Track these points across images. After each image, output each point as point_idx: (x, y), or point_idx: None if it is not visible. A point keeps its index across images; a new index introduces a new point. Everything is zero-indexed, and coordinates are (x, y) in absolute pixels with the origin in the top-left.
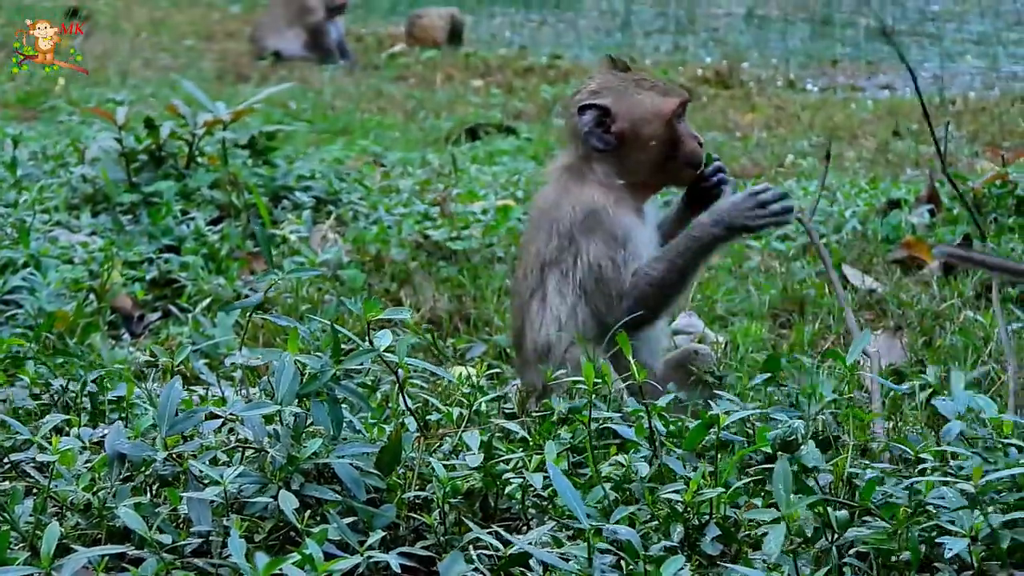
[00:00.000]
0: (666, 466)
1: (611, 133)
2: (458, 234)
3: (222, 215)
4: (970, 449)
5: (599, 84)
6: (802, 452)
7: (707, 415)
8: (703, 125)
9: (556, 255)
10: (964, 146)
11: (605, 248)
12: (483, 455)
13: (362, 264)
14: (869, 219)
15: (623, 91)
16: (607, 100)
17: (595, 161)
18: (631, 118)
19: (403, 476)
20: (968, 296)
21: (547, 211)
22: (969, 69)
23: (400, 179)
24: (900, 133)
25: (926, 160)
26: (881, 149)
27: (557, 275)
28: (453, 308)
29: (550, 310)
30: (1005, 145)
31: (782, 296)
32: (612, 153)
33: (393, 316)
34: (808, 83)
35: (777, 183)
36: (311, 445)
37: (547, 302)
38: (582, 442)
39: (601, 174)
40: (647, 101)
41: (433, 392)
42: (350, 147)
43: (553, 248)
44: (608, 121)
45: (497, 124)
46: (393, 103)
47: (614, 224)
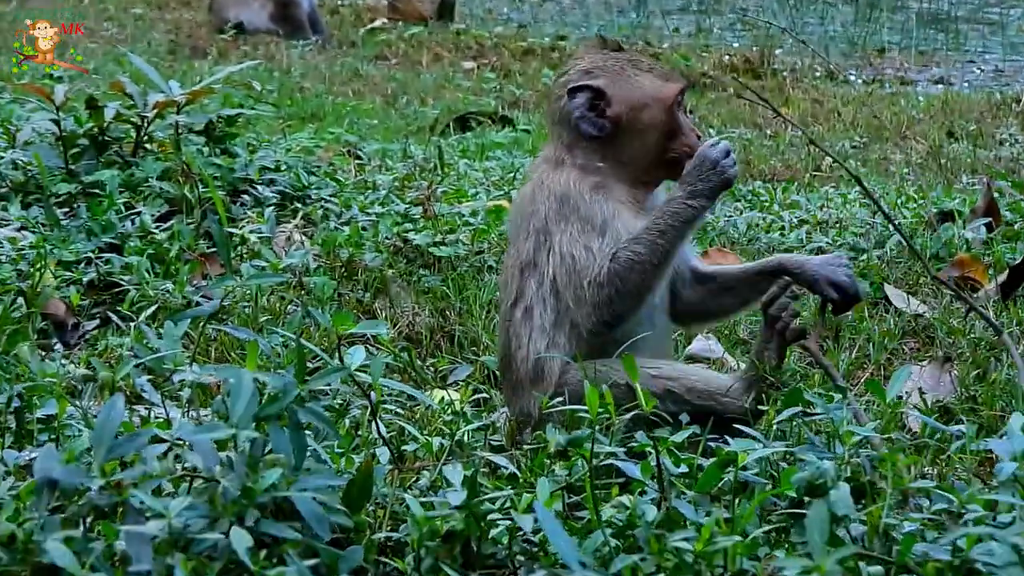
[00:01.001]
0: (675, 510)
1: (605, 118)
2: (443, 239)
3: (172, 210)
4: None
5: (590, 64)
6: (832, 498)
7: (724, 452)
8: (728, 120)
9: (533, 255)
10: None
11: (579, 235)
12: (466, 492)
13: (332, 270)
14: (917, 233)
15: (619, 72)
16: (601, 81)
17: (579, 149)
18: (629, 102)
19: (373, 514)
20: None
21: (523, 208)
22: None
23: (378, 173)
24: (955, 134)
25: (985, 165)
26: (933, 152)
27: (537, 278)
28: (435, 323)
29: (535, 320)
30: None
31: (814, 319)
32: (603, 141)
33: (366, 331)
34: (851, 74)
35: (812, 190)
36: (269, 476)
37: (530, 312)
38: (580, 480)
39: (581, 158)
40: (646, 84)
41: (410, 419)
42: (321, 135)
43: (530, 248)
44: (602, 104)
45: (491, 113)
46: (372, 86)
47: (591, 209)
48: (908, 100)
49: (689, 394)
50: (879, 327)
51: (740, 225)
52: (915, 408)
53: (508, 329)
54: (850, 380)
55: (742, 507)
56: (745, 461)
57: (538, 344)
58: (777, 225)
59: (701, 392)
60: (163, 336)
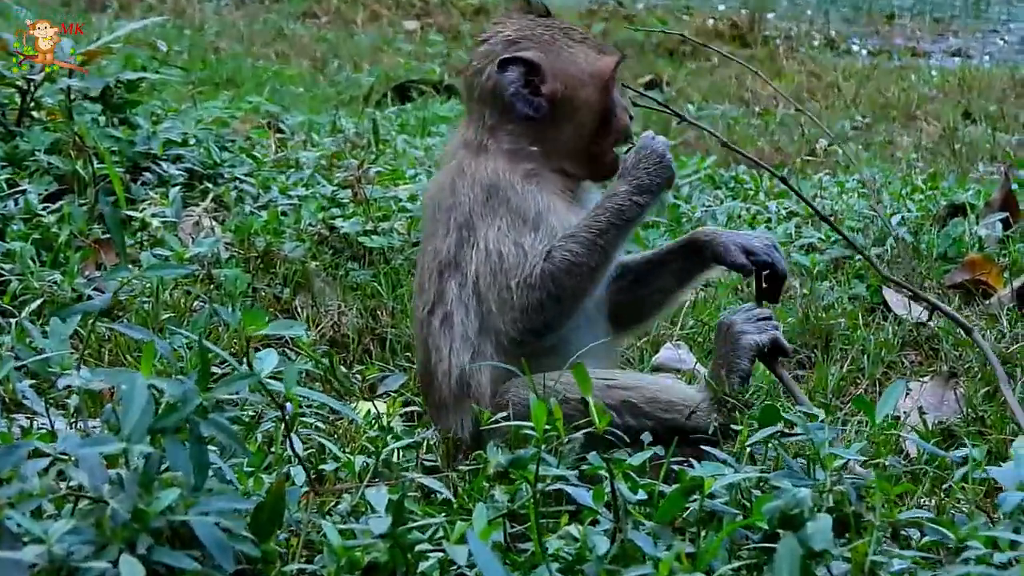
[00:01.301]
0: (631, 543)
1: (540, 95)
2: (375, 227)
3: (63, 189)
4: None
5: (517, 32)
6: (808, 531)
7: (688, 478)
8: (710, 94)
9: (455, 253)
10: None
11: (509, 230)
12: (391, 519)
13: (246, 261)
14: (923, 228)
15: (551, 43)
16: (533, 54)
17: (504, 131)
18: (564, 78)
19: (285, 543)
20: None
21: (441, 200)
22: None
23: (302, 150)
24: (973, 115)
25: (1005, 152)
26: (946, 135)
27: (458, 279)
28: (364, 325)
29: (456, 328)
30: None
31: (802, 326)
32: (534, 122)
33: (281, 332)
34: (854, 43)
35: (806, 176)
36: (165, 497)
37: (450, 319)
38: (524, 507)
39: (509, 142)
40: (581, 57)
41: (331, 434)
42: (237, 105)
43: (451, 245)
44: (536, 80)
45: (435, 82)
46: (298, 48)
47: (524, 200)
48: (919, 75)
49: (651, 406)
50: (875, 337)
51: (720, 216)
52: (912, 430)
53: (427, 340)
54: (841, 397)
55: (708, 540)
56: (713, 488)
57: (461, 356)
58: (763, 217)
59: (664, 404)
60: (49, 335)
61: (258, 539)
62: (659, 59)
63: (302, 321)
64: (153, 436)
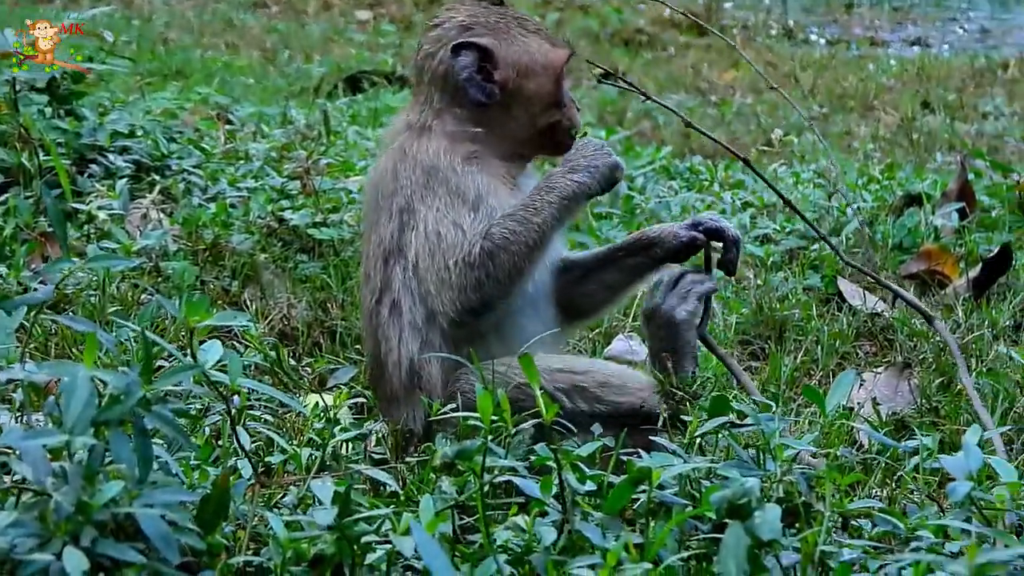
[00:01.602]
0: (579, 533)
1: (493, 82)
2: (324, 219)
3: (8, 182)
4: (981, 524)
5: (470, 18)
6: (756, 520)
7: (637, 468)
8: (667, 84)
9: (398, 239)
10: (1015, 126)
11: (448, 210)
12: (338, 511)
13: (194, 254)
14: (879, 219)
15: (505, 31)
16: (487, 40)
17: (450, 114)
18: (517, 66)
19: (232, 535)
20: (1004, 326)
21: (383, 185)
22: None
23: (251, 141)
24: (931, 105)
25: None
26: (904, 125)
27: (403, 265)
28: (313, 317)
29: (405, 316)
30: None
31: (755, 317)
32: (482, 108)
33: (225, 323)
34: (812, 32)
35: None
36: (108, 489)
37: (399, 307)
38: (472, 498)
39: (452, 124)
40: (534, 47)
41: (279, 427)
42: (186, 96)
43: (394, 230)
44: (488, 67)
45: (387, 72)
46: (248, 38)
47: (463, 181)
48: (878, 64)
49: (602, 390)
50: (829, 327)
51: (674, 207)
52: (866, 420)
53: (376, 330)
54: (794, 388)
55: (656, 530)
56: (661, 478)
57: (411, 345)
58: (717, 208)
59: (616, 388)
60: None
61: (204, 532)
62: (615, 48)
63: (251, 314)
64: (97, 428)
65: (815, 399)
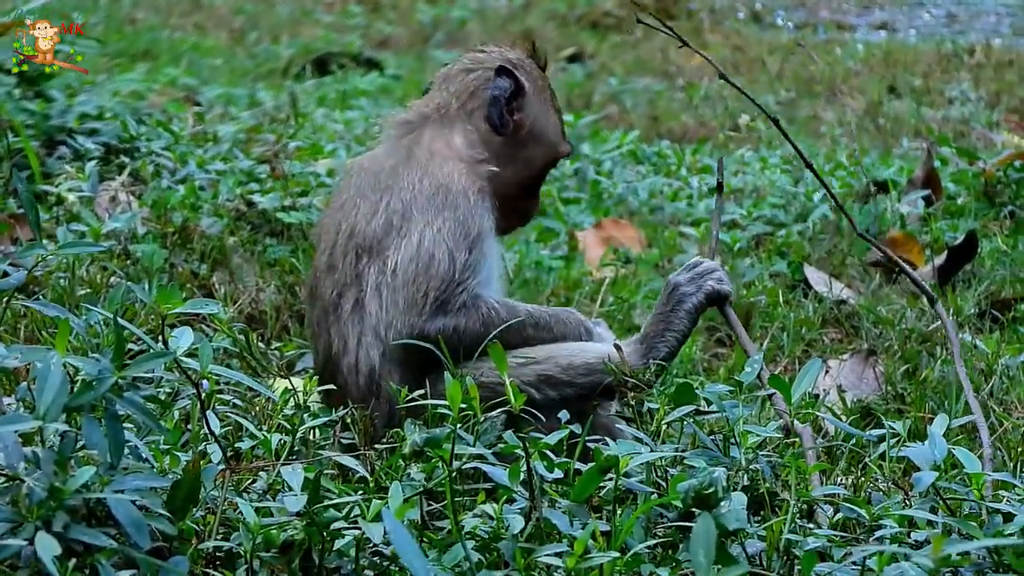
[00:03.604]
0: (547, 521)
1: (512, 118)
2: (293, 202)
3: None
4: (945, 514)
5: (518, 60)
6: (722, 510)
7: (603, 456)
8: (633, 68)
9: (381, 238)
10: (981, 112)
11: (447, 236)
12: (307, 497)
13: (163, 237)
14: (845, 205)
15: (541, 89)
16: (527, 83)
17: (458, 128)
18: (535, 123)
19: (202, 520)
20: (968, 314)
21: (377, 177)
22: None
23: (220, 124)
24: (898, 90)
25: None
26: (871, 111)
27: (378, 266)
28: (282, 301)
29: (369, 319)
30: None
31: None
32: (495, 142)
33: (197, 310)
34: (779, 17)
35: (727, 151)
36: (81, 475)
37: (363, 306)
38: (440, 485)
39: (471, 150)
40: (553, 121)
41: (249, 412)
42: (154, 77)
43: (377, 227)
44: (515, 105)
45: (355, 54)
46: (216, 19)
47: (471, 214)
48: (845, 49)
49: (568, 373)
50: (795, 314)
51: (641, 192)
52: (830, 409)
53: (331, 325)
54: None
55: (623, 518)
56: (628, 466)
57: (371, 352)
58: (684, 193)
59: (581, 368)
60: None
61: (174, 517)
62: (582, 32)
63: (219, 298)
64: (69, 414)
65: (781, 388)
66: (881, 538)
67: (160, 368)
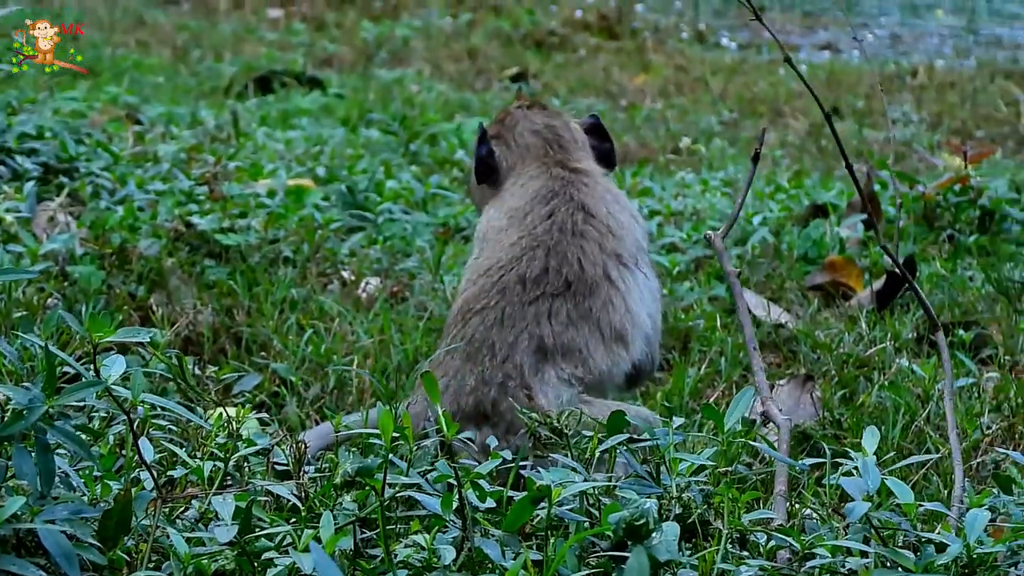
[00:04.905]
0: (479, 550)
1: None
2: (232, 224)
3: None
4: (877, 544)
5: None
6: (653, 541)
7: (536, 485)
8: (577, 87)
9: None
10: (923, 133)
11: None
12: (238, 526)
13: (101, 258)
14: (784, 229)
15: None
16: None
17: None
18: None
19: (133, 549)
20: (906, 339)
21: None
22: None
23: (160, 143)
24: (841, 111)
25: (869, 150)
26: (814, 132)
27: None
28: (219, 323)
29: None
30: (978, 135)
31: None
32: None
33: (129, 339)
34: (723, 37)
35: (668, 174)
36: (10, 504)
37: None
38: (374, 514)
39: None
40: None
41: (183, 438)
42: (94, 96)
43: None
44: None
45: (298, 73)
46: (158, 36)
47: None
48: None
49: None
50: (733, 338)
51: None
52: (762, 438)
53: None
54: (698, 400)
55: (556, 548)
56: (561, 495)
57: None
58: None
59: None
60: None
61: (105, 546)
62: (527, 51)
63: (157, 319)
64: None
65: (713, 417)
66: (813, 568)
67: (92, 397)
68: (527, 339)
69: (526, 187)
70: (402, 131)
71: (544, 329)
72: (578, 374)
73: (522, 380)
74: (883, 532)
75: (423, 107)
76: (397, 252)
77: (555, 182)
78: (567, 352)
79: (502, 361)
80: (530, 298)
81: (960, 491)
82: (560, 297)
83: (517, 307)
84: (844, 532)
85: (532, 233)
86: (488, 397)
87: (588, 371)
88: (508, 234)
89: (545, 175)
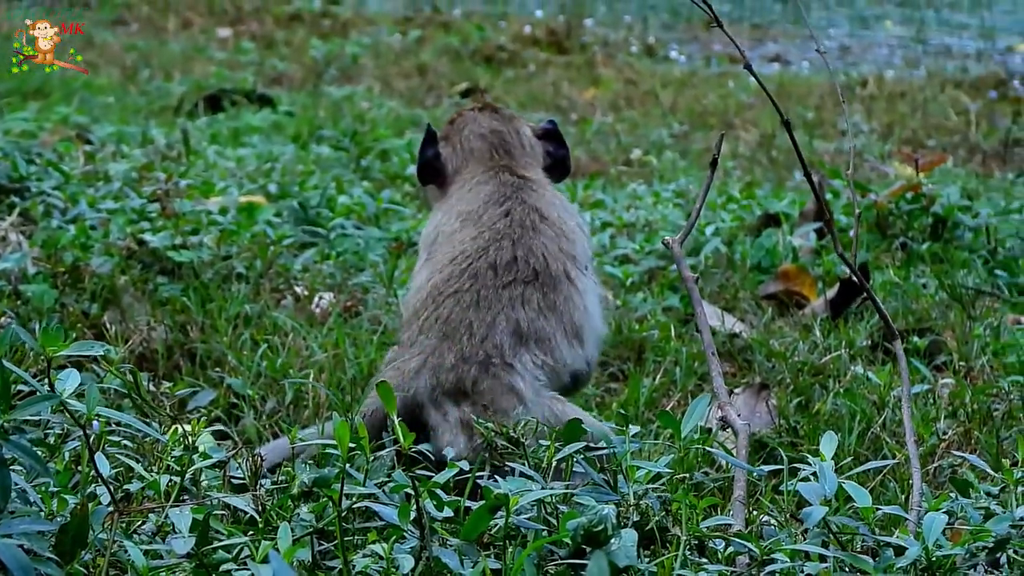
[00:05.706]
0: (437, 559)
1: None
2: (184, 241)
3: None
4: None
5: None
6: (612, 547)
7: (493, 494)
8: (527, 102)
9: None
10: (874, 143)
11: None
12: (195, 539)
13: (54, 277)
14: (737, 239)
15: None
16: None
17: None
18: None
19: (91, 563)
20: (860, 347)
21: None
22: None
23: (111, 162)
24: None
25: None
26: (764, 143)
27: None
28: (173, 340)
29: None
30: (929, 144)
31: (614, 338)
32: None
33: (83, 352)
34: (672, 50)
35: (620, 186)
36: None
37: None
38: (332, 524)
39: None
40: None
41: (139, 452)
42: (45, 116)
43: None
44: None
45: (247, 91)
46: (107, 56)
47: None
48: (738, 81)
49: None
50: (688, 348)
51: None
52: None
53: None
54: (653, 410)
55: (514, 556)
56: (519, 504)
57: None
58: None
59: None
60: None
61: (63, 560)
62: (476, 66)
63: (111, 337)
64: None
65: (670, 424)
66: (772, 573)
67: (47, 411)
68: (504, 320)
69: (475, 191)
70: (353, 147)
71: (519, 313)
72: (549, 363)
73: (503, 360)
74: (841, 536)
75: (374, 123)
76: (350, 267)
77: (505, 187)
78: (540, 339)
79: (481, 340)
80: (503, 283)
81: (918, 495)
82: (531, 285)
83: (492, 291)
84: (803, 537)
85: (493, 228)
86: (469, 375)
87: (555, 362)
88: (464, 233)
89: (495, 180)
